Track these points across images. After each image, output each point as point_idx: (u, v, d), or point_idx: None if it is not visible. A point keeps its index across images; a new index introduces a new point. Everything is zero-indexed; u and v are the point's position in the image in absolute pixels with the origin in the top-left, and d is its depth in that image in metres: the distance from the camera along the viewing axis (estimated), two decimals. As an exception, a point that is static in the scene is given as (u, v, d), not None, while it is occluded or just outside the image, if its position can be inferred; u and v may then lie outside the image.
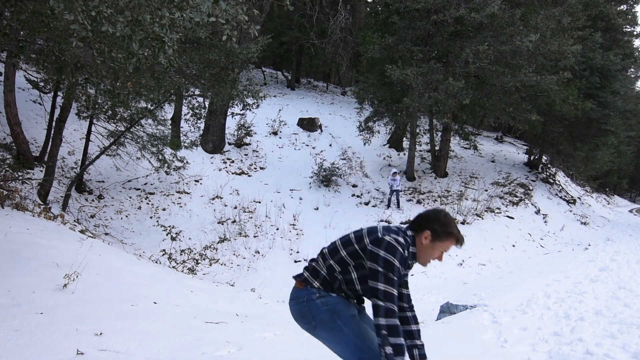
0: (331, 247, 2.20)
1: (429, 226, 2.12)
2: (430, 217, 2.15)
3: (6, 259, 4.22)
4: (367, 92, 15.42)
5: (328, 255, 2.18)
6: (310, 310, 2.13)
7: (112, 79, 6.64)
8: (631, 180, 40.20)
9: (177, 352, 3.31)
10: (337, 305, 2.12)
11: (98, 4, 3.14)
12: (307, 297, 2.15)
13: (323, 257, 2.21)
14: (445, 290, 8.87)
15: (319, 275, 2.16)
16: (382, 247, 2.00)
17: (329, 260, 2.17)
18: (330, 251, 2.19)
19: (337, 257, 2.14)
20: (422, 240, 2.14)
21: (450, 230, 2.12)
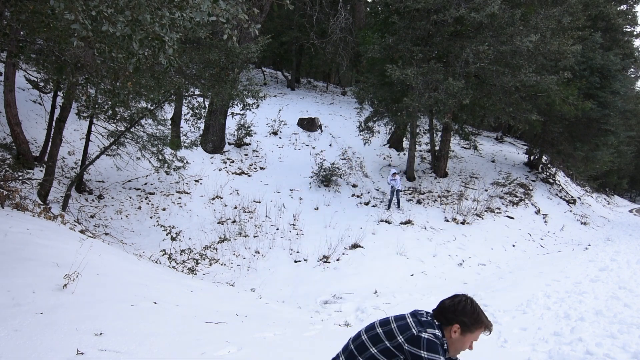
0: (358, 343, 2.03)
1: (457, 319, 1.99)
2: (458, 310, 2.00)
3: (6, 259, 4.22)
4: (367, 92, 15.42)
5: (356, 353, 2.02)
6: None
7: (112, 79, 6.64)
8: (631, 180, 40.21)
9: (177, 352, 3.31)
10: None
11: (98, 3, 3.14)
12: None
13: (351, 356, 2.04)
14: (446, 290, 8.87)
15: None
16: (422, 347, 1.88)
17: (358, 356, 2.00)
18: (358, 347, 2.03)
19: (366, 355, 1.99)
20: (452, 335, 2.01)
21: (480, 320, 2.02)
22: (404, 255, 11.02)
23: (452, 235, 12.40)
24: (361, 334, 2.08)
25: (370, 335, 2.02)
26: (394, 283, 9.59)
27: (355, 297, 8.36)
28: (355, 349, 2.03)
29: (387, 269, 10.29)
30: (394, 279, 9.83)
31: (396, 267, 10.44)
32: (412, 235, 12.17)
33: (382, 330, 2.01)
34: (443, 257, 11.22)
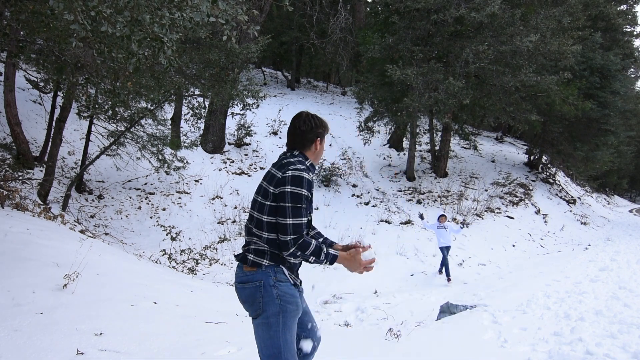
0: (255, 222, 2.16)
1: (316, 134, 2.26)
2: (313, 126, 2.25)
3: (6, 259, 4.22)
4: (367, 92, 15.42)
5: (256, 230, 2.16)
6: (264, 297, 2.09)
7: (112, 79, 6.64)
8: (631, 180, 40.21)
9: (177, 352, 3.31)
10: (289, 306, 2.11)
11: (97, 4, 3.14)
12: (264, 281, 2.10)
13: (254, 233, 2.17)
14: (445, 290, 8.87)
15: (265, 252, 2.13)
16: (287, 183, 2.06)
17: (262, 233, 2.14)
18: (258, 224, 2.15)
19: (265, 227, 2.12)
20: (317, 148, 2.28)
21: (325, 125, 2.32)
22: (404, 255, 11.02)
23: (452, 236, 12.40)
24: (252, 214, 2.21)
25: (258, 207, 2.16)
26: (394, 283, 9.59)
27: (355, 297, 8.37)
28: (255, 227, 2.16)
29: (387, 269, 10.29)
30: (394, 279, 9.83)
31: (396, 267, 10.44)
32: (412, 235, 12.17)
33: (260, 197, 2.16)
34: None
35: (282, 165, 2.15)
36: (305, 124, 2.24)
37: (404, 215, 13.36)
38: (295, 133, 2.25)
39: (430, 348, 4.52)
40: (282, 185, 2.07)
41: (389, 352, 4.25)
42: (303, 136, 2.24)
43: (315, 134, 2.26)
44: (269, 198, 2.11)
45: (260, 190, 2.18)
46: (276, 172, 2.13)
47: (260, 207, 2.14)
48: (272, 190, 2.10)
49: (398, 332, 4.92)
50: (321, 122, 2.30)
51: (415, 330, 5.29)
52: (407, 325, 5.91)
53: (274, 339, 2.07)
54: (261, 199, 2.15)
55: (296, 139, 2.25)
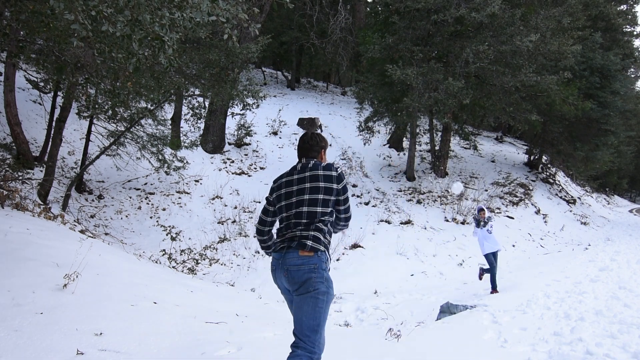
0: (319, 215, 2.55)
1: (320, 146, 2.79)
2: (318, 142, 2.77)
3: (6, 259, 4.22)
4: (367, 92, 15.42)
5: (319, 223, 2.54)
6: (317, 278, 2.43)
7: (112, 79, 6.64)
8: (631, 180, 40.20)
9: (177, 352, 3.31)
10: (331, 290, 2.50)
11: (98, 3, 3.14)
12: (318, 264, 2.45)
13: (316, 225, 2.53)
14: (445, 290, 8.87)
15: (321, 241, 2.51)
16: (343, 177, 2.69)
17: (326, 224, 2.57)
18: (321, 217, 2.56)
19: (328, 220, 2.58)
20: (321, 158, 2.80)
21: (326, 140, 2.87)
22: (403, 255, 11.02)
23: (452, 235, 12.40)
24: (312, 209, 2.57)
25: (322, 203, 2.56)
26: (394, 283, 9.59)
27: (355, 297, 8.36)
28: (320, 221, 2.55)
29: (387, 269, 10.29)
30: (394, 279, 9.83)
31: (396, 267, 10.44)
32: (412, 235, 12.17)
33: (322, 195, 2.57)
34: (443, 257, 11.22)
35: (324, 166, 2.64)
36: (312, 140, 2.76)
37: (404, 215, 13.36)
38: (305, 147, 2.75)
39: (430, 348, 4.52)
40: (341, 180, 2.63)
41: (389, 352, 4.25)
42: (312, 148, 2.74)
43: (320, 147, 2.79)
44: (333, 193, 2.58)
45: (320, 190, 2.56)
46: (328, 172, 2.61)
47: (325, 203, 2.56)
48: (335, 187, 2.59)
49: (398, 332, 4.92)
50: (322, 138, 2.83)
51: (415, 330, 5.29)
52: (407, 325, 5.91)
53: (318, 313, 2.39)
54: (324, 195, 2.56)
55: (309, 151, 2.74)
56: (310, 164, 2.67)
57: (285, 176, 2.71)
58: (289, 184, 2.65)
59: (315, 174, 2.60)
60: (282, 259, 2.51)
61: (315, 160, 2.72)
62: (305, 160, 2.73)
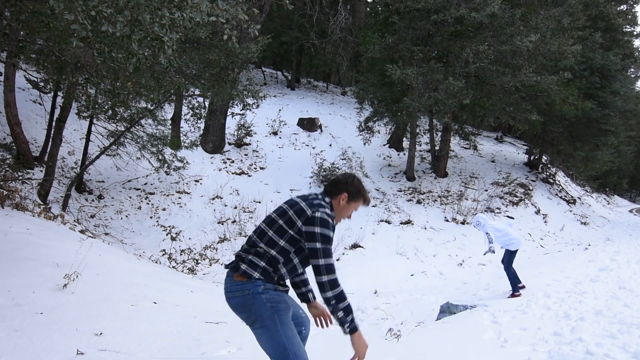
0: (267, 239, 2.24)
1: (346, 188, 2.37)
2: (348, 181, 2.39)
3: (6, 259, 4.22)
4: (367, 92, 15.42)
5: (266, 248, 2.22)
6: (255, 304, 2.17)
7: (112, 79, 6.64)
8: (631, 180, 40.19)
9: (177, 352, 3.31)
10: (279, 305, 2.21)
11: (97, 3, 3.14)
12: (252, 290, 2.18)
13: (259, 247, 2.24)
14: (445, 290, 8.87)
15: (258, 266, 2.21)
16: (316, 224, 2.17)
17: (268, 251, 2.22)
18: (268, 243, 2.23)
19: (277, 248, 2.22)
20: (340, 202, 2.37)
21: (362, 192, 2.42)
22: (403, 255, 11.02)
23: (452, 235, 12.40)
24: (265, 230, 2.27)
25: (276, 229, 2.24)
26: (394, 283, 9.59)
27: (355, 297, 8.36)
28: (266, 245, 2.23)
29: (387, 269, 10.29)
30: (394, 279, 9.83)
31: (396, 267, 10.44)
32: (412, 235, 12.17)
33: (283, 221, 2.23)
34: (443, 257, 11.22)
35: (313, 204, 2.25)
36: (344, 176, 2.43)
37: (404, 215, 13.36)
38: (333, 181, 2.42)
39: (430, 348, 4.52)
40: (311, 224, 2.17)
41: (389, 352, 4.25)
42: (335, 185, 2.39)
43: (345, 189, 2.36)
44: (293, 228, 2.21)
45: (285, 215, 2.24)
46: (306, 208, 2.22)
47: (280, 231, 2.22)
48: (299, 224, 2.20)
49: (398, 332, 4.92)
50: (357, 185, 2.40)
51: (415, 330, 5.29)
52: (407, 325, 5.91)
53: (275, 339, 2.16)
54: (283, 223, 2.23)
55: (331, 185, 2.40)
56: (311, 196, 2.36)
57: None
58: None
59: (295, 201, 2.30)
60: (224, 281, 2.32)
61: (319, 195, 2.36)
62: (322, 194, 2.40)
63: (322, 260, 2.14)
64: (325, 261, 2.14)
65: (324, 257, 2.15)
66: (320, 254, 2.14)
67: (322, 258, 2.14)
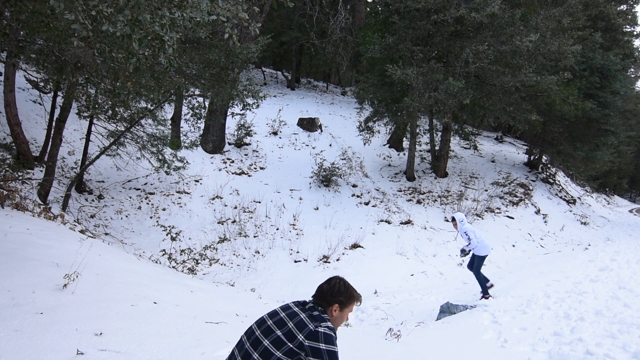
0: (262, 350, 2.11)
1: (336, 300, 2.26)
2: (335, 292, 2.26)
3: (6, 259, 4.22)
4: (367, 92, 15.42)
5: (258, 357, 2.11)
6: None
7: (112, 79, 6.64)
8: (631, 180, 40.20)
9: (177, 352, 3.31)
10: None
11: (98, 3, 3.14)
12: None
13: None
14: (445, 290, 8.87)
15: None
16: (320, 340, 2.08)
17: None
18: (262, 354, 2.11)
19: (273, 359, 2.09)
20: (333, 314, 2.26)
21: (352, 296, 2.31)
22: (404, 255, 11.02)
23: (452, 235, 12.40)
24: (260, 338, 2.15)
25: (272, 339, 2.12)
26: (394, 283, 9.59)
27: (355, 297, 8.34)
28: (260, 355, 2.10)
29: (387, 269, 10.29)
30: (394, 279, 9.83)
31: (396, 267, 10.44)
32: (412, 235, 12.17)
33: (281, 332, 2.12)
34: (443, 257, 11.22)
35: (314, 317, 2.16)
36: (329, 287, 2.28)
37: (404, 215, 13.35)
38: (320, 291, 2.29)
39: (430, 348, 4.52)
40: (314, 340, 2.08)
41: (389, 352, 4.25)
42: (323, 297, 2.27)
43: (335, 300, 2.26)
44: (294, 342, 2.09)
45: (283, 326, 2.14)
46: (307, 322, 2.13)
47: (277, 343, 2.11)
48: (300, 338, 2.09)
49: (398, 332, 4.92)
50: (345, 291, 2.29)
51: (415, 330, 5.29)
52: (407, 325, 5.91)
53: None
54: (282, 335, 2.12)
55: (319, 298, 2.28)
56: (307, 306, 2.24)
57: None
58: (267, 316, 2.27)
59: (294, 312, 2.19)
60: None
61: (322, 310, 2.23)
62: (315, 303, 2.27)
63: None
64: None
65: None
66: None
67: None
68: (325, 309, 2.25)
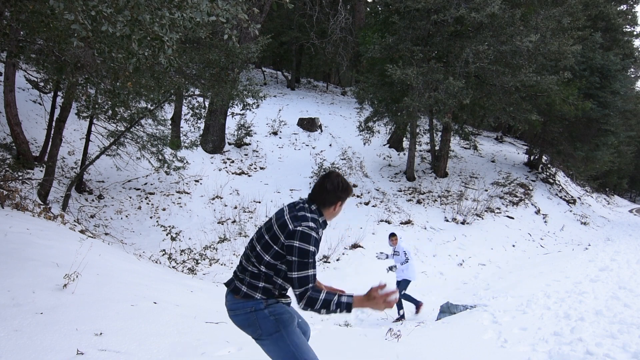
0: (256, 254, 2.22)
1: (339, 197, 2.28)
2: (337, 187, 2.26)
3: (6, 259, 4.22)
4: (367, 92, 15.42)
5: (257, 264, 2.20)
6: (258, 319, 2.19)
7: (112, 79, 6.64)
8: (631, 180, 40.20)
9: (177, 352, 3.31)
10: (283, 316, 2.21)
11: (98, 3, 3.14)
12: (254, 307, 2.19)
13: (252, 264, 2.22)
14: (445, 290, 8.87)
15: (258, 287, 2.20)
16: (296, 238, 2.10)
17: (260, 268, 2.20)
18: (256, 258, 2.21)
19: (264, 263, 2.19)
20: (335, 210, 2.30)
21: (351, 190, 2.35)
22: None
23: (452, 235, 12.40)
24: (255, 245, 2.25)
25: (263, 244, 2.20)
26: (393, 283, 9.58)
27: (355, 297, 8.34)
28: (255, 259, 2.21)
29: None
30: (394, 279, 9.82)
31: (396, 267, 10.42)
32: (412, 235, 12.17)
33: (269, 237, 2.19)
34: (443, 257, 11.22)
35: (297, 217, 2.17)
36: (332, 184, 2.27)
37: (404, 215, 13.36)
38: (320, 190, 2.27)
39: (430, 348, 4.52)
40: (291, 238, 2.12)
41: (389, 352, 4.25)
42: (325, 195, 2.27)
43: (337, 197, 2.28)
44: (277, 244, 2.16)
45: (271, 231, 2.20)
46: (289, 222, 2.16)
47: (266, 246, 2.19)
48: (282, 239, 2.14)
49: (398, 332, 4.92)
50: (346, 188, 2.31)
51: (415, 330, 5.29)
52: (407, 325, 5.91)
53: (284, 349, 2.17)
54: (269, 238, 2.19)
55: (318, 195, 2.28)
56: (298, 205, 2.26)
57: None
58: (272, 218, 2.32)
59: (281, 214, 2.23)
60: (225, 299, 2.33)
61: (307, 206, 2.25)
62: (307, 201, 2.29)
63: (295, 273, 2.08)
64: (298, 274, 2.08)
65: (297, 271, 2.08)
66: (294, 267, 2.08)
67: (296, 271, 2.08)
68: (327, 206, 2.28)
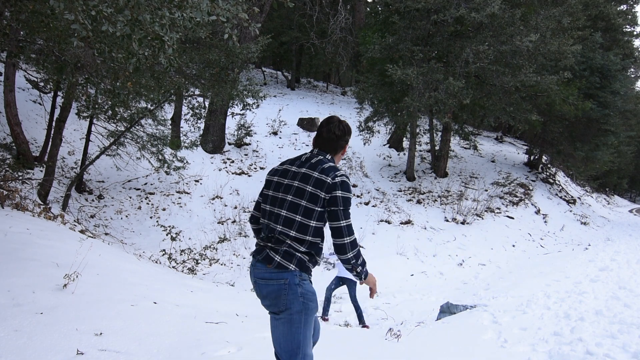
0: (297, 226, 2.14)
1: (347, 140, 2.33)
2: (345, 131, 2.30)
3: (6, 259, 4.22)
4: (367, 92, 15.42)
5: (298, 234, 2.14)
6: (288, 295, 2.12)
7: (112, 79, 6.64)
8: (631, 180, 40.19)
9: (177, 352, 3.31)
10: (310, 304, 2.16)
11: (98, 3, 3.14)
12: (289, 280, 2.12)
13: (292, 237, 2.15)
14: (445, 290, 8.87)
15: (294, 256, 2.14)
16: (338, 189, 2.13)
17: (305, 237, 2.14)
18: (300, 229, 2.15)
19: (310, 230, 2.14)
20: (344, 152, 2.37)
21: (351, 131, 2.38)
22: (404, 255, 11.02)
23: (452, 235, 12.40)
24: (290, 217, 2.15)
25: (302, 212, 2.13)
26: (394, 283, 9.59)
27: (355, 297, 8.34)
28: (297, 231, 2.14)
29: (387, 269, 10.29)
30: (394, 279, 9.83)
31: (396, 267, 10.44)
32: (412, 235, 12.17)
33: (306, 201, 2.13)
34: (443, 257, 11.22)
35: (325, 169, 2.16)
36: (340, 130, 2.28)
37: (404, 215, 13.36)
38: (330, 137, 2.27)
39: (430, 348, 4.52)
40: (333, 190, 2.12)
41: (389, 352, 4.25)
42: (336, 142, 2.28)
43: (346, 141, 2.31)
44: (319, 203, 2.13)
45: (305, 195, 2.14)
46: (323, 177, 2.14)
47: (308, 212, 2.13)
48: (322, 196, 2.12)
49: (398, 332, 4.92)
50: (350, 128, 2.35)
51: (415, 330, 5.29)
52: (407, 325, 5.91)
53: (295, 335, 2.12)
54: (307, 203, 2.13)
55: (329, 143, 2.28)
56: (314, 159, 2.22)
57: (287, 164, 2.30)
58: (284, 174, 2.25)
59: (308, 174, 2.16)
60: (253, 268, 2.23)
61: (323, 157, 2.24)
62: (317, 152, 2.27)
63: (343, 221, 2.12)
64: (345, 222, 2.13)
65: (344, 218, 2.12)
66: (341, 216, 2.11)
67: (343, 220, 2.12)
68: (336, 153, 2.31)
